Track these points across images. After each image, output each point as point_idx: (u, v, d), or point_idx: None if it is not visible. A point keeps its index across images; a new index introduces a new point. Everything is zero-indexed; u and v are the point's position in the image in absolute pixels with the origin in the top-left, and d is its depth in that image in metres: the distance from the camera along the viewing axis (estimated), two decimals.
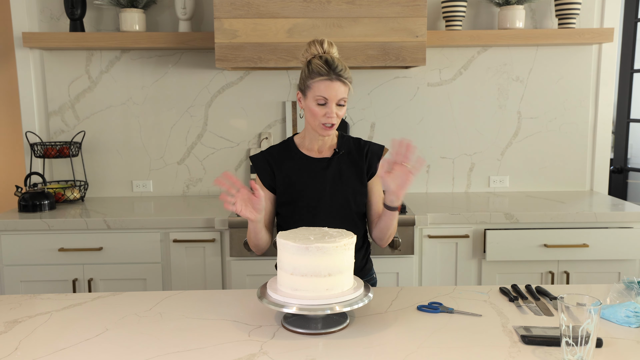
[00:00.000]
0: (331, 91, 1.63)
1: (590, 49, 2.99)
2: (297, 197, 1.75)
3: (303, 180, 1.75)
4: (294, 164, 1.77)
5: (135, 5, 2.79)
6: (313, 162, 1.77)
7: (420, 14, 2.52)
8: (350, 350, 1.25)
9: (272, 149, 1.81)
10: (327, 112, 1.64)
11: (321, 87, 1.63)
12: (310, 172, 1.76)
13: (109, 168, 3.03)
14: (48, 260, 2.49)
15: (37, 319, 1.44)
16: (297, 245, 1.33)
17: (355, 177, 1.77)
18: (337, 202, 1.75)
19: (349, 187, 1.76)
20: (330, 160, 1.76)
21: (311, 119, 1.68)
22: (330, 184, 1.75)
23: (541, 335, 1.28)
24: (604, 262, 2.51)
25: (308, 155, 1.77)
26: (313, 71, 1.64)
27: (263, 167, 1.78)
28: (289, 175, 1.76)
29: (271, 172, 1.77)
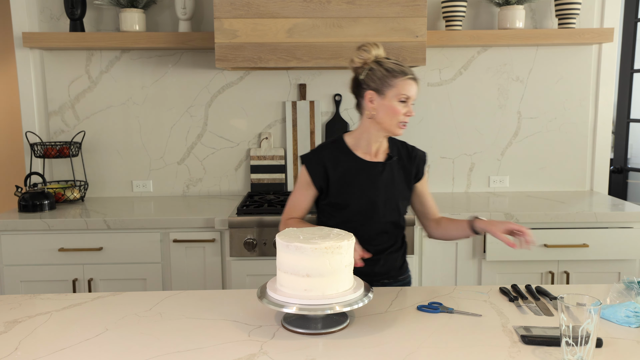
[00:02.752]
0: (413, 90, 1.70)
1: (590, 49, 2.99)
2: (352, 201, 1.77)
3: (359, 183, 1.77)
4: (350, 166, 1.78)
5: (135, 5, 2.79)
6: (369, 166, 1.79)
7: (420, 14, 2.52)
8: (350, 350, 1.25)
9: (325, 149, 1.82)
10: (408, 110, 1.71)
11: (405, 86, 1.69)
12: (367, 175, 1.78)
13: (109, 168, 3.03)
14: (48, 260, 2.49)
15: (37, 319, 1.44)
16: (280, 242, 1.35)
17: (404, 182, 1.83)
18: (389, 207, 1.79)
19: (399, 192, 1.81)
20: (385, 165, 1.80)
21: (388, 117, 1.71)
22: (384, 189, 1.78)
23: (541, 335, 1.28)
24: (604, 262, 2.51)
25: (363, 158, 1.79)
26: (395, 70, 1.69)
27: (317, 168, 1.79)
28: (344, 178, 1.78)
29: (325, 173, 1.78)
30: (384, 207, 1.78)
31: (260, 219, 2.43)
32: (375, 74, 1.71)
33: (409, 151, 1.86)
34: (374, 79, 1.71)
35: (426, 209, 1.90)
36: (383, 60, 1.72)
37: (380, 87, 1.71)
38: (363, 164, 1.79)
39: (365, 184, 1.77)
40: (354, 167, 1.78)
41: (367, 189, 1.77)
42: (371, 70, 1.72)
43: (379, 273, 1.82)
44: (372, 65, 1.72)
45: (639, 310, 1.38)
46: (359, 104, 1.80)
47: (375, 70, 1.71)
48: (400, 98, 1.69)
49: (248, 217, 2.44)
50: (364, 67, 1.74)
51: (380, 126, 1.74)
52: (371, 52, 1.73)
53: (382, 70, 1.70)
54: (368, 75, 1.73)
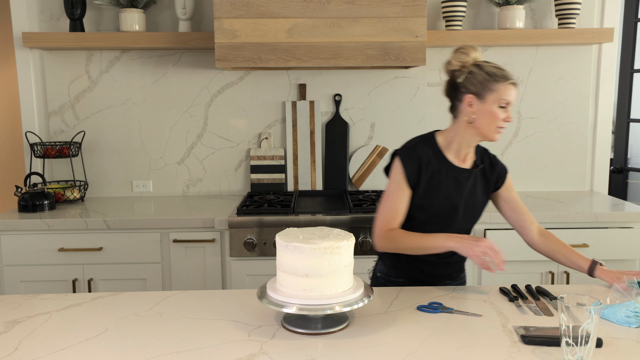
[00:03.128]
0: (513, 95, 1.66)
1: (590, 49, 2.99)
2: (436, 204, 1.73)
3: (445, 188, 1.73)
4: (440, 168, 1.74)
5: (135, 5, 2.79)
6: (458, 171, 1.75)
7: (420, 14, 2.52)
8: (350, 350, 1.25)
9: (420, 146, 1.75)
10: (507, 116, 1.67)
11: (507, 91, 1.65)
12: (454, 181, 1.74)
13: (109, 168, 3.03)
14: (48, 260, 2.49)
15: (37, 319, 1.44)
16: (280, 242, 1.35)
17: (484, 191, 1.80)
18: (467, 214, 1.77)
19: (479, 201, 1.79)
20: (471, 172, 1.76)
21: (487, 122, 1.67)
22: (466, 196, 1.76)
23: (541, 335, 1.28)
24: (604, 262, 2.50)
25: (453, 162, 1.75)
26: (497, 75, 1.65)
27: (412, 165, 1.72)
28: (432, 179, 1.73)
29: (418, 172, 1.72)
30: (463, 214, 1.76)
31: (260, 219, 2.43)
32: (475, 78, 1.66)
33: (491, 160, 1.83)
34: (474, 83, 1.66)
35: (520, 217, 1.84)
36: (483, 64, 1.67)
37: (480, 92, 1.66)
38: (452, 168, 1.74)
39: (451, 189, 1.73)
40: (444, 170, 1.73)
41: (452, 194, 1.73)
42: (471, 73, 1.67)
43: (442, 275, 1.82)
44: (471, 69, 1.67)
45: (639, 310, 1.38)
46: (454, 107, 1.75)
47: (476, 74, 1.66)
48: (501, 103, 1.65)
49: (248, 217, 2.44)
50: (462, 70, 1.69)
51: (477, 131, 1.70)
52: (470, 54, 1.69)
53: (482, 74, 1.65)
54: (467, 79, 1.67)
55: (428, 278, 1.82)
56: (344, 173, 3.01)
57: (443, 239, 1.62)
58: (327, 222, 2.43)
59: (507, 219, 1.87)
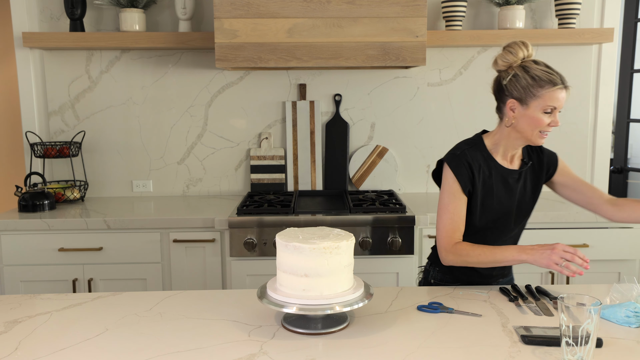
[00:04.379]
0: (561, 100, 1.58)
1: (590, 49, 2.99)
2: (492, 209, 1.69)
3: (499, 192, 1.69)
4: (490, 172, 1.69)
5: (135, 5, 2.79)
6: (508, 173, 1.70)
7: (420, 14, 2.52)
8: (350, 350, 1.25)
9: (470, 151, 1.69)
10: (553, 121, 1.59)
11: (554, 97, 1.57)
12: (505, 184, 1.70)
13: (109, 168, 3.03)
14: (48, 260, 2.49)
15: (37, 319, 1.44)
16: (280, 242, 1.35)
17: (534, 186, 1.75)
18: (520, 214, 1.74)
19: (530, 198, 1.74)
20: (521, 173, 1.72)
21: (530, 127, 1.60)
22: (518, 197, 1.72)
23: (541, 335, 1.28)
24: (604, 262, 2.51)
25: (502, 164, 1.70)
26: (542, 79, 1.56)
27: (465, 172, 1.66)
28: (486, 184, 1.69)
29: (471, 177, 1.66)
30: (516, 215, 1.73)
31: (260, 219, 2.43)
32: (519, 82, 1.59)
33: (539, 154, 1.76)
34: (518, 88, 1.59)
35: (585, 195, 1.74)
36: (529, 66, 1.58)
37: (523, 97, 1.58)
38: (502, 171, 1.70)
39: (502, 192, 1.69)
40: (494, 173, 1.69)
41: (504, 197, 1.70)
42: (515, 76, 1.59)
43: (497, 275, 1.79)
44: (517, 71, 1.59)
45: (639, 310, 1.38)
46: (499, 108, 1.70)
47: (520, 78, 1.58)
48: (546, 109, 1.57)
49: (248, 217, 2.44)
50: (508, 71, 1.62)
51: (519, 135, 1.64)
52: (517, 54, 1.60)
53: (527, 78, 1.57)
54: (511, 82, 1.60)
55: (484, 280, 1.77)
56: (344, 173, 3.01)
57: (516, 252, 1.54)
58: (327, 222, 2.43)
59: (573, 201, 1.79)
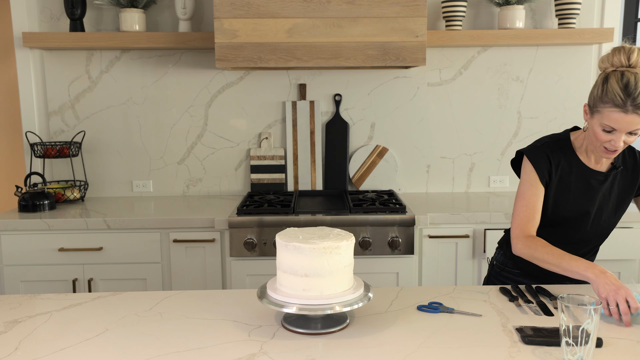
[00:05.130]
0: (622, 124, 1.46)
1: (590, 49, 2.99)
2: (566, 207, 1.65)
3: (577, 190, 1.64)
4: (570, 169, 1.63)
5: (135, 5, 2.79)
6: (591, 174, 1.63)
7: (420, 14, 2.52)
8: (350, 350, 1.25)
9: (551, 145, 1.65)
10: (613, 140, 1.49)
11: (612, 117, 1.46)
12: (586, 184, 1.63)
13: (109, 168, 3.03)
14: (48, 260, 2.49)
15: (37, 319, 1.44)
16: (280, 241, 1.35)
17: (624, 193, 1.66)
18: (600, 218, 1.66)
19: (615, 205, 1.66)
20: (607, 176, 1.64)
21: (592, 138, 1.55)
22: (600, 200, 1.65)
23: (541, 335, 1.28)
24: (604, 262, 2.50)
25: (586, 164, 1.64)
26: (607, 96, 1.46)
27: (543, 163, 1.63)
28: (564, 180, 1.64)
29: (550, 170, 1.63)
30: (595, 220, 1.66)
31: (260, 219, 2.43)
32: (594, 89, 1.52)
33: (636, 159, 1.65)
34: (591, 95, 1.52)
35: None
36: (611, 78, 1.47)
37: (591, 106, 1.52)
38: (584, 170, 1.63)
39: (582, 191, 1.64)
40: (575, 171, 1.63)
41: (583, 197, 1.64)
42: (596, 82, 1.52)
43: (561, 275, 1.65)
44: (601, 77, 1.51)
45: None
46: None
47: (597, 86, 1.50)
48: (604, 127, 1.49)
49: (248, 217, 2.44)
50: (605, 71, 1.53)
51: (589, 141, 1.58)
52: (611, 59, 1.49)
53: (600, 89, 1.49)
54: (594, 85, 1.53)
55: (545, 276, 1.71)
56: (344, 173, 3.01)
57: (583, 266, 1.45)
58: (327, 222, 2.43)
59: None
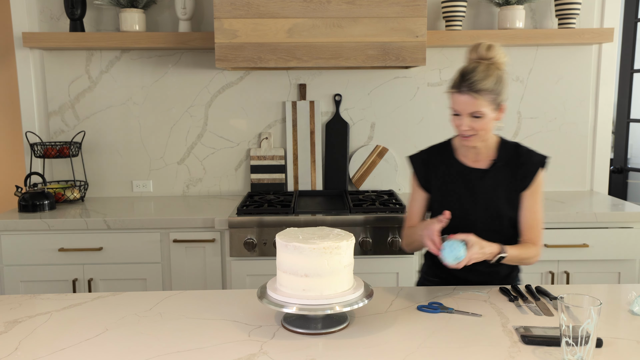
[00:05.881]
0: (459, 105, 1.60)
1: (590, 49, 2.99)
2: (449, 204, 1.70)
3: (457, 190, 1.72)
4: (449, 171, 1.73)
5: (135, 5, 2.79)
6: (470, 171, 1.71)
7: (420, 14, 2.52)
8: (350, 350, 1.25)
9: (432, 150, 1.79)
10: (460, 124, 1.62)
11: (453, 99, 1.61)
12: (465, 182, 1.71)
13: (109, 168, 3.03)
14: (48, 260, 2.49)
15: (37, 319, 1.44)
16: (280, 242, 1.35)
17: (510, 189, 1.69)
18: (489, 215, 1.70)
19: (502, 200, 1.69)
20: (486, 172, 1.70)
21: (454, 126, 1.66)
22: (483, 196, 1.70)
23: (541, 335, 1.28)
24: (604, 262, 2.51)
25: (464, 163, 1.73)
26: (451, 81, 1.63)
27: (419, 169, 1.78)
28: (444, 183, 1.74)
29: (426, 175, 1.77)
30: (483, 215, 1.69)
31: (260, 219, 2.43)
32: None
33: (519, 156, 1.71)
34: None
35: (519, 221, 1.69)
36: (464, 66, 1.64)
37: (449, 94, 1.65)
38: (462, 169, 1.72)
39: (461, 190, 1.71)
40: (454, 171, 1.72)
41: (463, 195, 1.70)
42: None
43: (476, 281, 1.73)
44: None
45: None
46: None
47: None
48: (452, 111, 1.63)
49: (248, 217, 2.44)
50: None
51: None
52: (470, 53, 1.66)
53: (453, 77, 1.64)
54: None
55: (461, 282, 1.75)
56: (344, 173, 3.01)
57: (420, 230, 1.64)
58: (327, 222, 2.43)
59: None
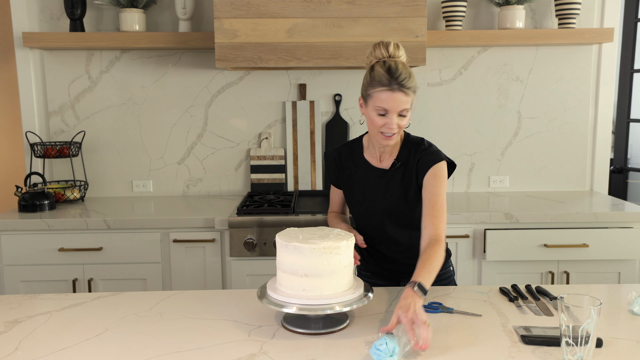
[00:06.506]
0: (392, 102, 1.54)
1: (590, 49, 2.99)
2: (355, 203, 1.79)
3: (360, 187, 1.76)
4: (355, 169, 1.78)
5: (135, 5, 2.79)
6: (372, 170, 1.74)
7: (420, 14, 2.52)
8: (350, 350, 1.25)
9: (342, 148, 1.83)
10: (387, 123, 1.57)
11: (382, 98, 1.54)
12: (367, 180, 1.75)
13: (109, 168, 3.03)
14: (48, 260, 2.49)
15: (37, 319, 1.44)
16: (280, 242, 1.36)
17: (409, 185, 1.69)
18: (392, 211, 1.72)
19: (401, 198, 1.70)
20: (386, 173, 1.72)
21: (371, 127, 1.63)
22: (382, 194, 1.72)
23: (541, 335, 1.28)
24: (604, 262, 2.51)
25: (369, 162, 1.75)
26: (374, 79, 1.56)
27: (330, 166, 1.85)
28: (350, 180, 1.80)
29: (336, 172, 1.84)
30: (386, 212, 1.72)
31: (260, 219, 2.43)
32: (364, 80, 1.61)
33: (419, 155, 1.68)
34: (362, 85, 1.62)
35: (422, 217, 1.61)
36: (375, 65, 1.58)
37: (364, 95, 1.61)
38: (366, 168, 1.75)
39: (367, 186, 1.75)
40: (359, 170, 1.76)
41: (368, 194, 1.74)
42: (365, 75, 1.62)
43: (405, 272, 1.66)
44: (367, 69, 1.61)
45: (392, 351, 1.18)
46: None
47: (365, 76, 1.61)
48: (378, 110, 1.57)
49: (248, 217, 2.44)
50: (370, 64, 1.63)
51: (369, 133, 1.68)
52: (374, 52, 1.60)
53: (368, 77, 1.59)
54: (364, 77, 1.62)
55: (392, 275, 1.81)
56: None
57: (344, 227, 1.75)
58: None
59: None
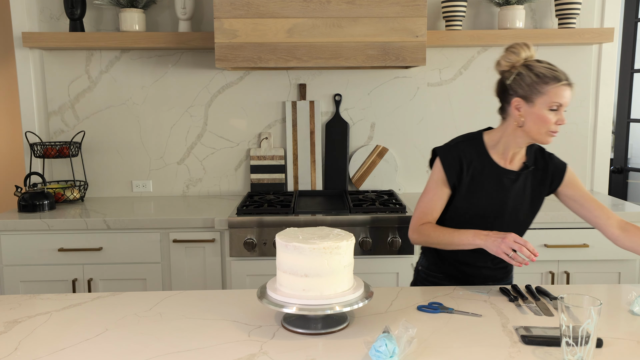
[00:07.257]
0: (566, 96, 1.57)
1: (590, 49, 2.99)
2: (478, 206, 1.69)
3: (489, 189, 1.69)
4: (482, 169, 1.69)
5: (135, 5, 2.79)
6: (503, 173, 1.69)
7: (420, 14, 2.52)
8: (350, 350, 1.25)
9: (463, 145, 1.72)
10: (559, 118, 1.58)
11: (559, 93, 1.56)
12: (498, 182, 1.69)
13: (109, 168, 3.03)
14: (48, 260, 2.49)
15: (37, 319, 1.44)
16: (279, 242, 1.35)
17: (536, 194, 1.72)
18: (515, 218, 1.70)
19: (529, 204, 1.71)
20: (519, 175, 1.69)
21: (537, 126, 1.60)
22: (513, 199, 1.69)
23: (541, 335, 1.28)
24: (604, 262, 2.51)
25: (498, 163, 1.69)
26: (546, 76, 1.57)
27: (453, 163, 1.69)
28: (475, 180, 1.69)
29: (459, 170, 1.69)
30: (509, 218, 1.70)
31: (260, 219, 2.43)
32: (523, 80, 1.60)
33: (546, 160, 1.72)
34: (522, 86, 1.60)
35: (591, 213, 1.72)
36: (533, 64, 1.60)
37: (528, 95, 1.59)
38: (496, 169, 1.69)
39: (494, 190, 1.68)
40: (487, 170, 1.69)
41: (495, 196, 1.68)
42: (519, 75, 1.61)
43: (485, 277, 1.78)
44: (520, 70, 1.61)
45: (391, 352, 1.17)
46: (503, 109, 1.70)
47: (524, 76, 1.60)
48: (552, 106, 1.57)
49: (248, 217, 2.44)
50: (511, 70, 1.64)
51: (527, 134, 1.63)
52: (520, 54, 1.62)
53: (531, 75, 1.59)
54: (515, 81, 1.62)
55: (469, 278, 1.78)
56: (344, 173, 3.01)
57: (471, 236, 1.57)
58: (327, 222, 2.43)
59: (580, 217, 1.77)
